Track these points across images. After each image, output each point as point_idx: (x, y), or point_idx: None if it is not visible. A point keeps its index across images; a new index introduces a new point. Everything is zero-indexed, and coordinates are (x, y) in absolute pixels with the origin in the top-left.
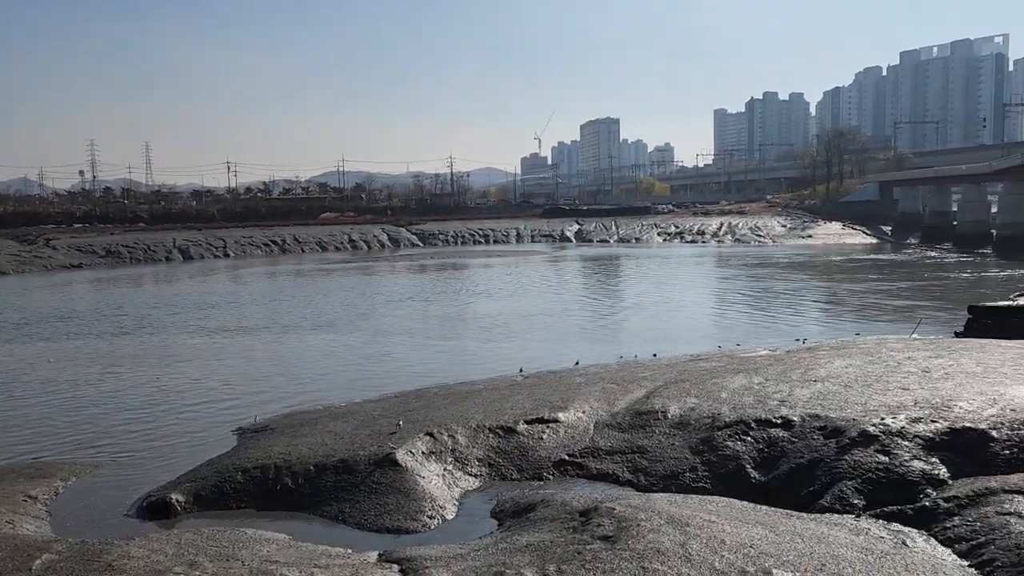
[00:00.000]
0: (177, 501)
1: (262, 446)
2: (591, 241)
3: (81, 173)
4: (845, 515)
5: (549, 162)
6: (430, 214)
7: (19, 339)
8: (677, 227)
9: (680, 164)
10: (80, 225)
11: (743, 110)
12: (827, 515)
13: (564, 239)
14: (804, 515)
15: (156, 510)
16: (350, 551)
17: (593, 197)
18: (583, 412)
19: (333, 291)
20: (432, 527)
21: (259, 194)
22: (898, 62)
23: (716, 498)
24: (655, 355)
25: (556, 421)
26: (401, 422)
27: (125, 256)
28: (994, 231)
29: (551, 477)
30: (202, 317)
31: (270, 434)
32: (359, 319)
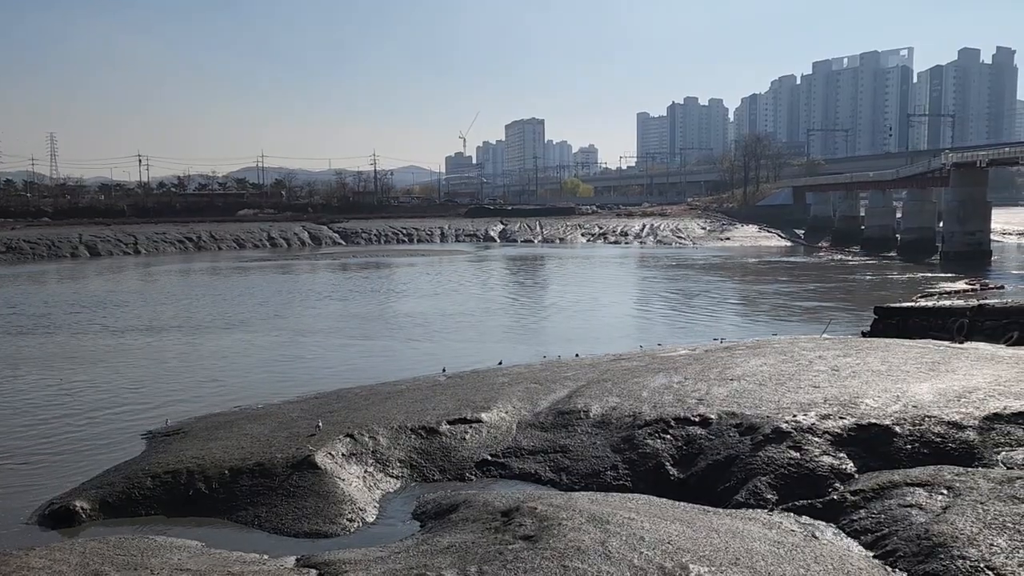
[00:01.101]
0: (82, 508)
1: (174, 450)
2: (515, 241)
3: None
4: (759, 510)
5: (474, 161)
6: (353, 212)
7: None
8: (601, 228)
9: (604, 166)
10: None
11: (665, 114)
12: (742, 510)
13: (488, 239)
14: (720, 511)
15: (59, 518)
16: (266, 556)
17: (518, 197)
18: (506, 412)
19: (250, 290)
20: (352, 530)
21: (173, 189)
22: (811, 71)
23: (636, 496)
24: (577, 355)
25: (479, 421)
26: (320, 423)
27: (27, 252)
28: (899, 235)
29: (473, 478)
30: (110, 316)
31: (182, 438)
32: (277, 318)
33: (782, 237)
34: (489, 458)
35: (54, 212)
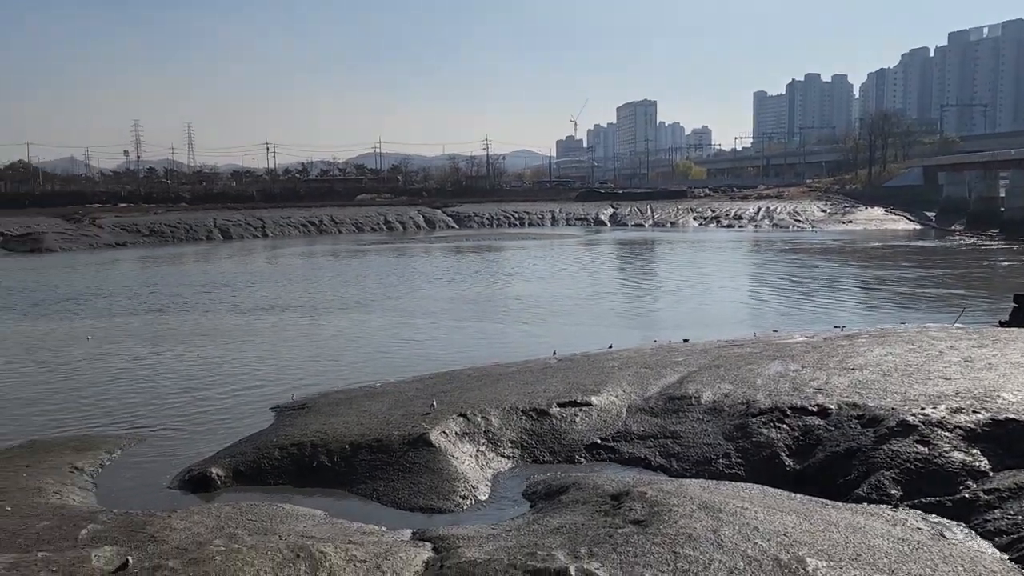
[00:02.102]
0: (217, 475)
1: (299, 424)
2: (626, 225)
3: (126, 153)
4: (882, 505)
5: (585, 145)
6: (465, 196)
7: (62, 316)
8: (713, 211)
9: (718, 147)
10: (125, 204)
11: (783, 92)
12: (863, 505)
13: (599, 223)
14: (839, 504)
15: (197, 484)
16: (384, 528)
17: (628, 180)
18: (616, 396)
19: (367, 272)
20: (464, 507)
21: (297, 175)
22: (946, 43)
23: (750, 485)
24: (686, 340)
25: (589, 404)
26: (435, 402)
27: (168, 235)
28: None
29: (583, 460)
30: (239, 296)
31: (307, 413)
32: (392, 300)
33: (911, 220)
34: (599, 441)
35: (191, 198)
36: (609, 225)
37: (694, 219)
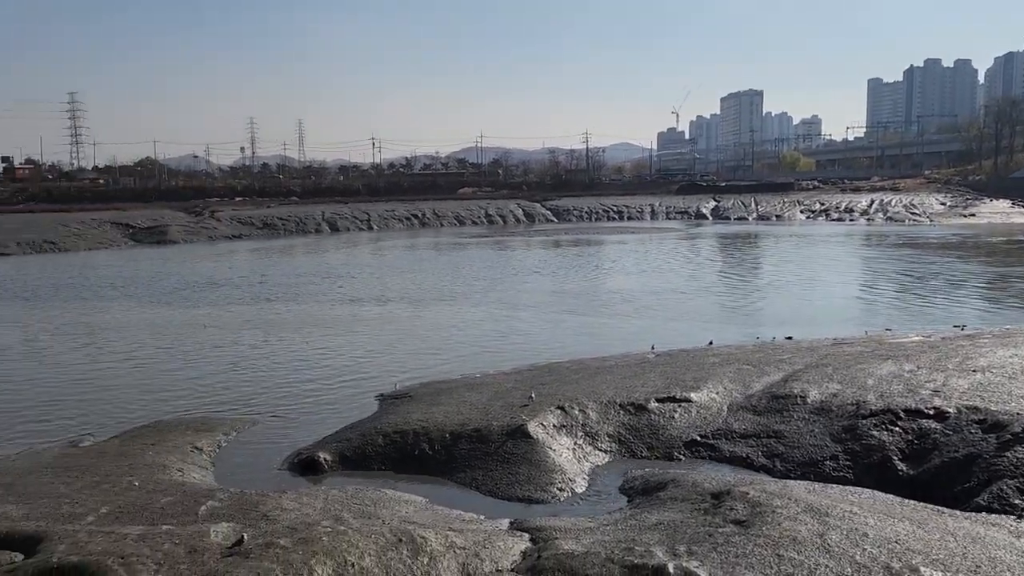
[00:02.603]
0: (324, 460)
1: (401, 412)
2: (728, 218)
3: (242, 150)
4: (1004, 516)
5: (687, 137)
6: (564, 190)
7: (181, 304)
8: (822, 204)
9: (828, 138)
10: (240, 198)
11: (900, 79)
12: (983, 514)
13: (700, 216)
14: (957, 513)
15: (305, 467)
16: (482, 517)
17: (732, 173)
18: (716, 393)
19: (468, 264)
20: (562, 499)
21: (401, 169)
22: None
23: (859, 489)
24: (790, 337)
25: (688, 401)
26: (533, 395)
27: (280, 228)
28: None
29: (682, 457)
30: (346, 287)
31: (409, 401)
32: (491, 292)
33: None
34: (698, 438)
35: (301, 192)
36: (711, 219)
37: (801, 212)
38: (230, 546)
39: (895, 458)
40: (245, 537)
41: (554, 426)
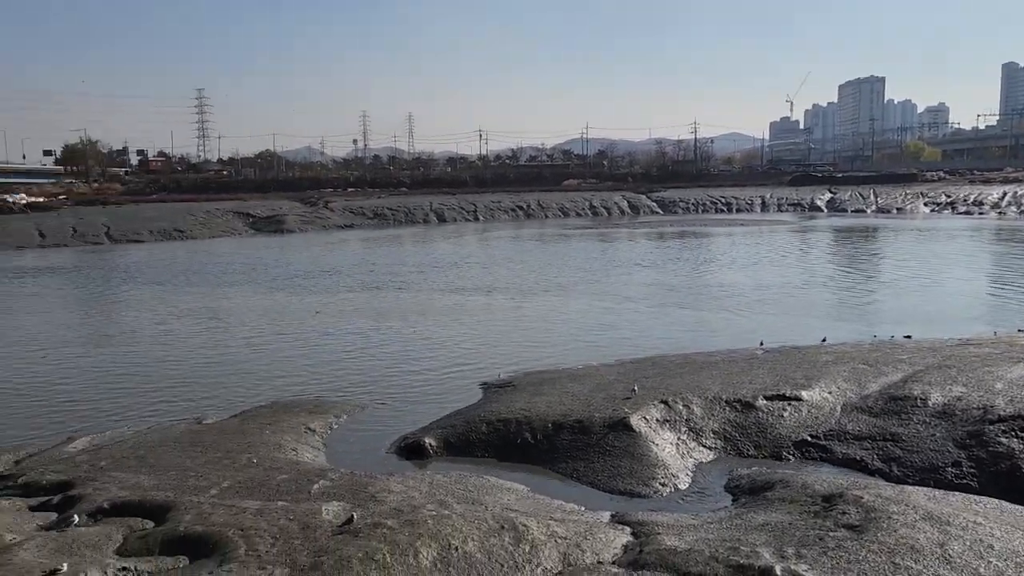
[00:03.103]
0: (429, 445)
1: (505, 401)
2: (844, 211)
3: (355, 142)
4: None
5: (801, 126)
6: (671, 181)
7: (295, 290)
8: (948, 196)
9: (956, 126)
10: (352, 189)
11: None
12: None
13: (814, 208)
14: None
15: (412, 451)
16: (583, 509)
17: (850, 163)
18: (829, 392)
19: (572, 256)
20: (664, 494)
21: (507, 161)
22: None
23: (984, 499)
24: (909, 336)
25: (798, 399)
26: (636, 388)
27: (389, 218)
28: None
29: (791, 457)
30: (452, 276)
31: (512, 390)
32: (594, 284)
33: None
34: (808, 439)
35: (410, 183)
36: (825, 211)
37: (925, 205)
38: (340, 524)
39: None
40: (355, 516)
41: (657, 420)
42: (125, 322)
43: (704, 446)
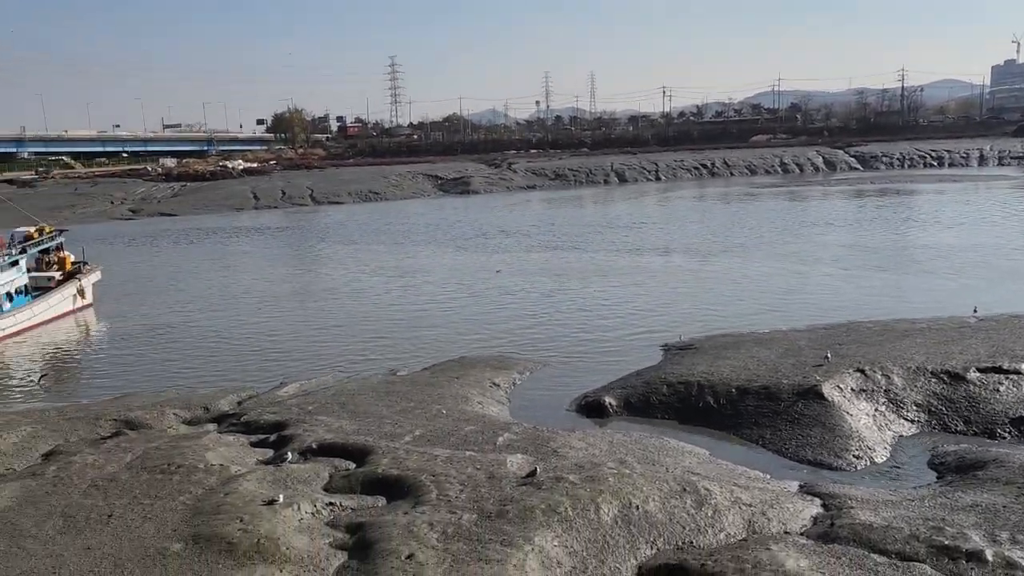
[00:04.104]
0: (609, 404)
1: (686, 364)
2: None
3: (537, 103)
4: None
5: None
6: (873, 134)
7: (476, 250)
8: None
9: None
10: (535, 150)
11: None
12: None
13: None
14: None
15: (591, 409)
16: (769, 477)
17: None
18: None
19: (758, 216)
20: (858, 467)
21: (691, 118)
22: None
23: None
24: None
25: (1018, 373)
26: (829, 355)
27: (570, 178)
28: None
29: (1007, 435)
30: (631, 237)
31: (694, 353)
32: (783, 245)
33: None
34: None
35: (592, 143)
36: None
37: None
38: (524, 476)
39: None
40: (537, 469)
41: (852, 389)
42: (326, 278)
43: (905, 419)
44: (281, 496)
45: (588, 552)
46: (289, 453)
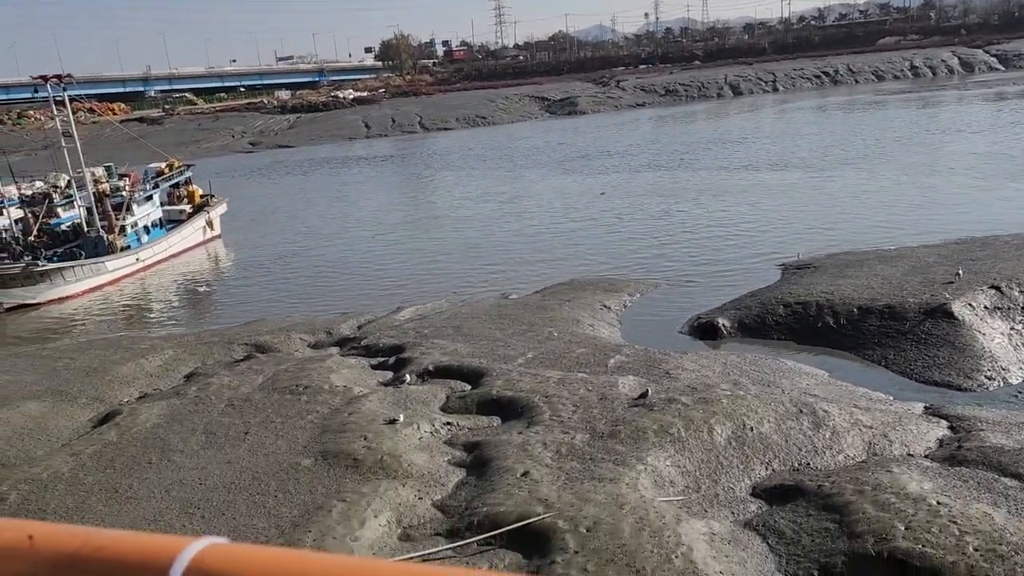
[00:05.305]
0: (723, 325)
1: (804, 283)
2: None
3: (645, 16)
4: None
5: None
6: (1018, 30)
7: (582, 172)
8: None
9: None
10: (644, 66)
11: None
12: None
13: None
14: None
15: (704, 331)
16: (891, 398)
17: None
18: None
19: (884, 125)
20: (990, 389)
21: (812, 22)
22: None
23: None
24: None
25: None
26: (960, 271)
27: (681, 94)
28: None
29: None
30: (746, 153)
31: (813, 272)
32: (909, 155)
33: None
34: None
35: (703, 55)
36: None
37: None
38: (635, 398)
39: None
40: (649, 391)
41: (985, 307)
42: (434, 206)
43: None
44: (402, 416)
45: (701, 472)
46: (408, 375)
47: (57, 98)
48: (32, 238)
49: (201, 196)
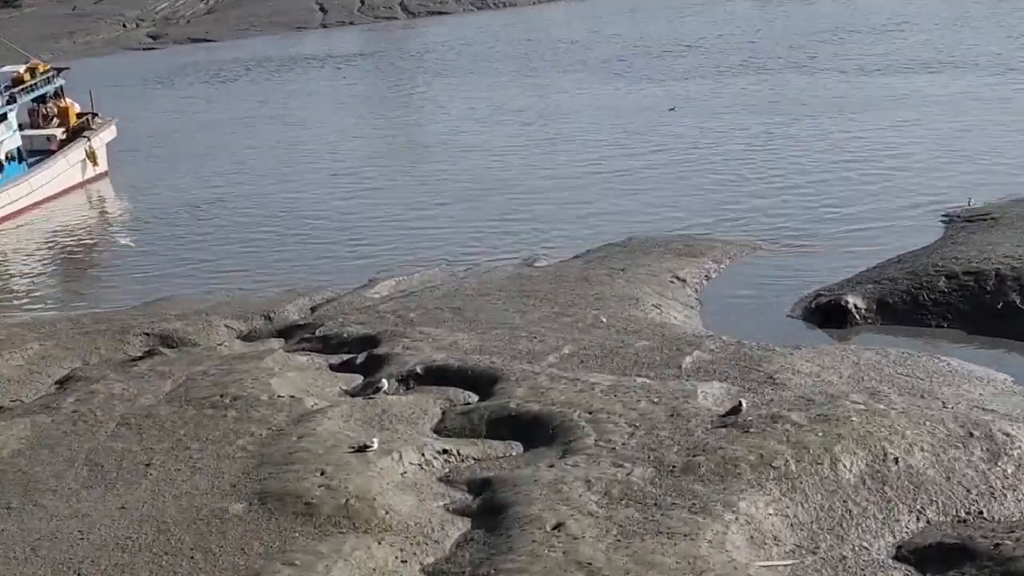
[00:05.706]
0: (855, 307)
1: (977, 243)
2: None
3: None
4: None
5: None
6: None
7: (639, 78)
8: None
9: None
10: None
11: None
12: None
13: None
14: None
15: (827, 314)
16: None
17: None
18: None
19: None
20: None
21: None
22: None
23: None
24: None
25: None
26: None
27: None
28: None
29: None
30: (889, 48)
31: (990, 227)
32: None
33: None
34: None
35: None
36: None
37: None
38: (723, 414)
39: None
40: (743, 404)
41: None
42: (426, 130)
43: None
44: (375, 441)
45: (820, 524)
46: (385, 380)
47: None
48: None
49: (79, 116)
